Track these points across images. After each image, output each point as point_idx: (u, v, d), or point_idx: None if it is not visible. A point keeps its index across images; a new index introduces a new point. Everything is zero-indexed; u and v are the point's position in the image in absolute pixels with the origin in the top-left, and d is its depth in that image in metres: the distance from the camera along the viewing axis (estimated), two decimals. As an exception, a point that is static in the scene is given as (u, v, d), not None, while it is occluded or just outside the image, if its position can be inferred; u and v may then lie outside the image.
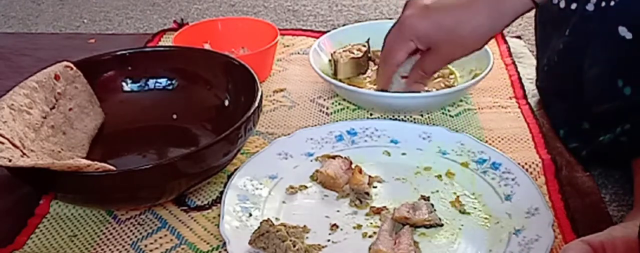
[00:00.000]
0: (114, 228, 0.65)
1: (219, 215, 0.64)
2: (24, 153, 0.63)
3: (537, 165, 0.72)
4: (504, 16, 0.70)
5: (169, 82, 0.81)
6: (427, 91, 0.83)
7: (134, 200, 0.64)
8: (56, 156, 0.68)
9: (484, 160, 0.71)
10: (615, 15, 0.65)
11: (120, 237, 0.64)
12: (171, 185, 0.63)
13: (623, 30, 0.64)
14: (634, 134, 0.64)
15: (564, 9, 0.72)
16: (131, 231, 0.64)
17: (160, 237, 0.64)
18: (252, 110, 0.66)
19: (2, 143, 0.60)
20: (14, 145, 0.62)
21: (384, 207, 0.66)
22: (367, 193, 0.67)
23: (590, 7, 0.68)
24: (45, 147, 0.68)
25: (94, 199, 0.63)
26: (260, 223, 0.60)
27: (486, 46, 0.88)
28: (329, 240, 0.62)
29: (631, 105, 0.64)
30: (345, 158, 0.71)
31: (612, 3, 0.65)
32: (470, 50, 0.74)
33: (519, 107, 0.85)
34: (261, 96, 0.69)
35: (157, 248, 0.62)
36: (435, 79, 0.89)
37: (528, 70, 0.93)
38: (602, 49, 0.67)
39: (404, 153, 0.74)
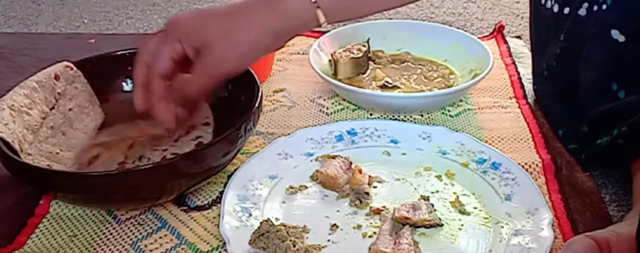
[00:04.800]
0: (114, 228, 0.65)
1: (219, 215, 0.64)
2: (21, 157, 0.63)
3: (537, 165, 0.72)
4: (284, 31, 0.65)
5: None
6: (425, 90, 0.83)
7: (134, 200, 0.64)
8: (54, 158, 0.68)
9: (484, 160, 0.71)
10: (607, 19, 0.65)
11: (120, 237, 0.64)
12: (171, 185, 0.63)
13: (615, 33, 0.64)
14: (630, 136, 0.64)
15: (557, 14, 0.72)
16: (131, 231, 0.64)
17: (160, 237, 0.64)
18: (252, 110, 0.66)
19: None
20: (12, 149, 0.62)
21: (384, 207, 0.66)
22: (367, 193, 0.67)
23: (582, 11, 0.68)
24: (43, 149, 0.68)
25: (94, 199, 0.63)
26: (260, 223, 0.60)
27: (486, 46, 0.89)
28: (329, 240, 0.62)
29: (626, 107, 0.64)
30: (345, 158, 0.71)
31: (604, 7, 0.65)
32: (245, 59, 0.65)
33: (519, 107, 0.85)
34: (261, 96, 0.69)
35: (157, 248, 0.62)
36: (436, 79, 0.89)
37: (528, 70, 0.92)
38: (595, 53, 0.67)
39: (404, 153, 0.74)
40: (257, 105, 0.67)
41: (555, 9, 0.72)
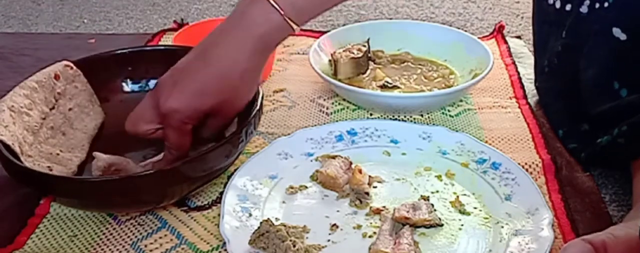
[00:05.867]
0: (114, 229, 0.65)
1: (219, 215, 0.64)
2: (21, 159, 0.62)
3: (537, 165, 0.72)
4: (267, 49, 0.65)
5: None
6: (426, 90, 0.83)
7: (136, 204, 0.64)
8: (54, 159, 0.68)
9: (484, 160, 0.71)
10: (609, 16, 0.65)
11: (121, 237, 0.64)
12: (172, 190, 0.62)
13: (617, 31, 0.64)
14: (631, 135, 0.64)
15: (559, 10, 0.72)
16: (131, 231, 0.64)
17: (160, 237, 0.64)
18: (253, 114, 0.65)
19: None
20: (12, 151, 0.61)
21: (384, 207, 0.66)
22: (367, 193, 0.67)
23: (584, 9, 0.68)
24: (43, 151, 0.67)
25: (94, 204, 0.63)
26: (260, 223, 0.60)
27: (486, 46, 0.89)
28: (329, 240, 0.62)
29: (628, 106, 0.64)
30: (345, 158, 0.71)
31: (606, 4, 0.65)
32: (246, 97, 0.66)
33: (519, 107, 0.85)
34: (262, 98, 0.69)
35: (157, 248, 0.62)
36: (436, 79, 0.90)
37: (528, 70, 0.93)
38: (597, 50, 0.67)
39: (404, 153, 0.74)
40: (258, 108, 0.67)
41: (558, 5, 0.72)
